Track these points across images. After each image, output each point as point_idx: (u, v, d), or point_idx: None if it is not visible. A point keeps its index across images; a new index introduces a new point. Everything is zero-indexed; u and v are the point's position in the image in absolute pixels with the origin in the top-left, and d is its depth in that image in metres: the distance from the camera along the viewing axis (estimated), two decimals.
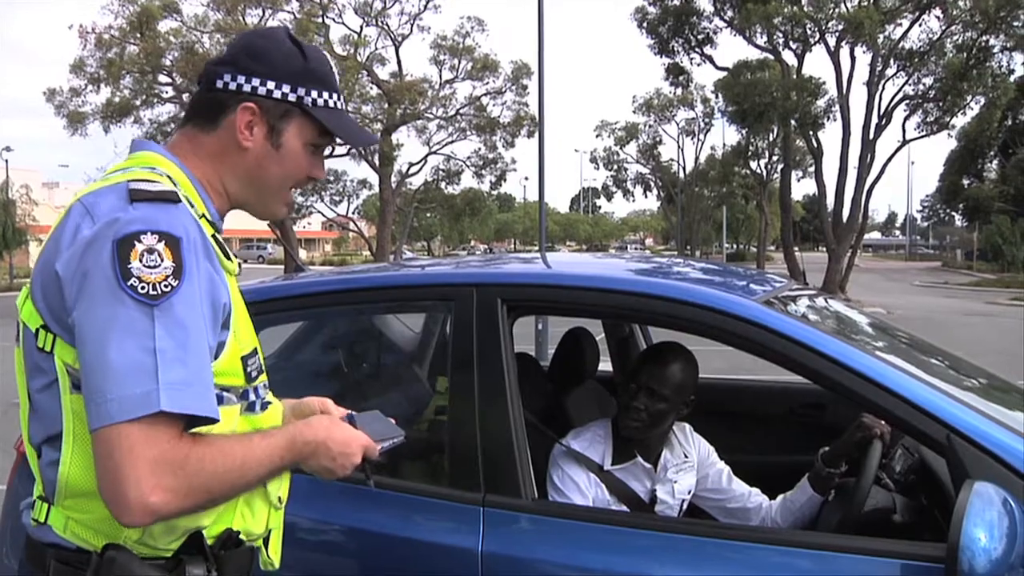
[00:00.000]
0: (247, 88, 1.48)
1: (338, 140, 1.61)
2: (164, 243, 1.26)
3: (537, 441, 2.38)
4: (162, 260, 1.25)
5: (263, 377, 1.50)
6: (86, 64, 29.96)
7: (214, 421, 1.28)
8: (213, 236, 1.40)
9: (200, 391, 1.25)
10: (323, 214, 39.07)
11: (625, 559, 1.99)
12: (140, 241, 1.24)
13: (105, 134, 31.57)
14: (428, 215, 54.22)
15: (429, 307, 2.83)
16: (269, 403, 1.52)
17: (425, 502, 2.16)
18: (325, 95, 1.53)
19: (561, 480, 2.48)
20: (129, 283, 1.22)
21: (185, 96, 31.32)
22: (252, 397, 1.45)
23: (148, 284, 1.23)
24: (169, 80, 31.22)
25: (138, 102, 31.29)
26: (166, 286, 1.24)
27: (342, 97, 1.58)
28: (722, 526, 2.50)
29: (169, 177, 1.40)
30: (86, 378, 1.23)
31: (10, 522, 2.47)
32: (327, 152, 1.68)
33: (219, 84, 1.49)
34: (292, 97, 1.49)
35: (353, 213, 44.85)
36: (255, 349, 1.48)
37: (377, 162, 31.68)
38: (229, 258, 1.44)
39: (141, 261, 1.23)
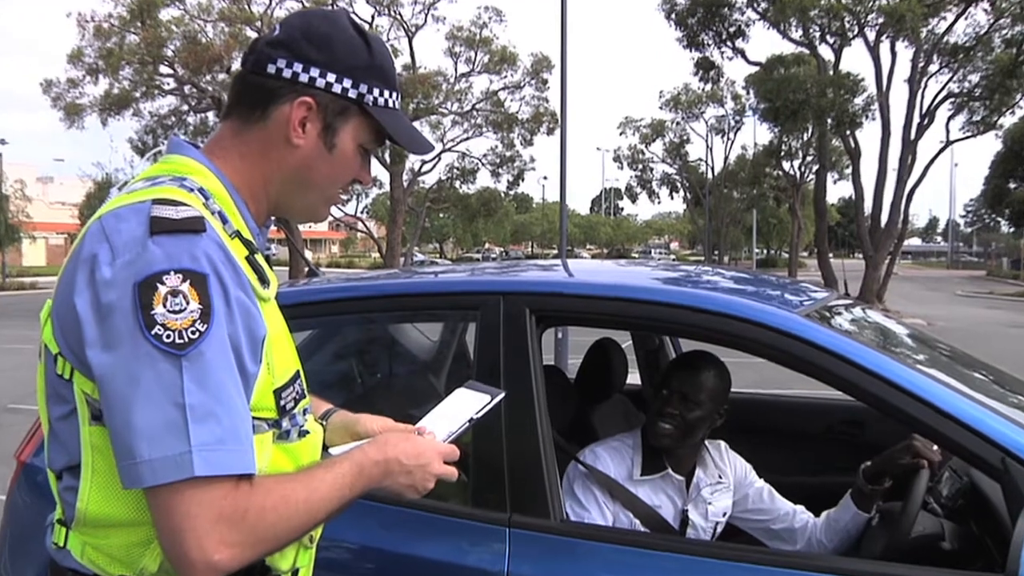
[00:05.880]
0: (304, 78, 1.39)
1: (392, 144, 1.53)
2: (189, 282, 1.21)
3: (562, 458, 2.39)
4: (188, 303, 1.20)
5: (304, 403, 1.45)
6: (84, 54, 30.22)
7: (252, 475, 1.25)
8: (248, 258, 1.34)
9: (234, 448, 1.21)
10: (330, 213, 39.11)
11: None
12: (163, 283, 1.19)
13: (103, 127, 31.80)
14: (441, 216, 54.49)
15: (450, 316, 2.83)
16: (307, 432, 1.46)
17: (449, 522, 2.17)
18: (387, 94, 1.46)
19: (584, 497, 2.49)
20: (153, 332, 1.18)
21: (187, 88, 31.58)
22: (287, 426, 1.39)
23: (174, 332, 1.19)
24: (170, 71, 31.40)
25: (138, 94, 31.51)
26: (193, 332, 1.19)
27: (400, 95, 1.50)
28: (754, 550, 2.49)
29: (202, 191, 1.34)
30: (113, 436, 1.21)
31: (9, 534, 2.49)
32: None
33: (271, 69, 1.39)
34: (353, 94, 1.42)
35: (362, 212, 45.09)
36: (295, 375, 1.43)
37: (388, 159, 31.71)
38: (265, 282, 1.36)
39: (165, 306, 1.19)
